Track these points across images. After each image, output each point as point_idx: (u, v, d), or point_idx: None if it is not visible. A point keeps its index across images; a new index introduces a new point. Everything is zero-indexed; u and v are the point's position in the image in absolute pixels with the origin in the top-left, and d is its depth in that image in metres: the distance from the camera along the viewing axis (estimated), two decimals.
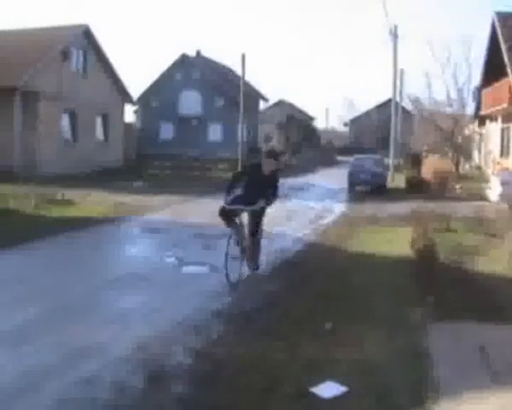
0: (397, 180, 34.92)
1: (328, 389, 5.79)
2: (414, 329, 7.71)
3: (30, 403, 5.51)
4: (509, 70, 30.35)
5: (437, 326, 7.80)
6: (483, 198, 25.28)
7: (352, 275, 10.82)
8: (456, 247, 13.11)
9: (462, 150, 42.12)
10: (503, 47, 31.62)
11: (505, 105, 31.06)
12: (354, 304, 8.90)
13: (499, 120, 35.75)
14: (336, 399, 5.65)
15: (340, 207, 23.79)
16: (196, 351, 6.85)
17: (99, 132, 38.37)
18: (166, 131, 60.65)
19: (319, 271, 11.21)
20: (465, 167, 43.49)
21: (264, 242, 11.31)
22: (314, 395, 5.70)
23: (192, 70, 61.22)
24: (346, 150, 74.53)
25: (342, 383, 5.91)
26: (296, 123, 73.48)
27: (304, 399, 5.64)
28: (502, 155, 34.79)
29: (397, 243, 13.78)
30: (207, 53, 65.99)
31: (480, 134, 43.49)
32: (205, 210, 19.46)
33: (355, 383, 5.96)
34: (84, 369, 6.34)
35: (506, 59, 30.93)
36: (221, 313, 8.39)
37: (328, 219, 19.58)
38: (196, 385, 5.93)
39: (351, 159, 34.11)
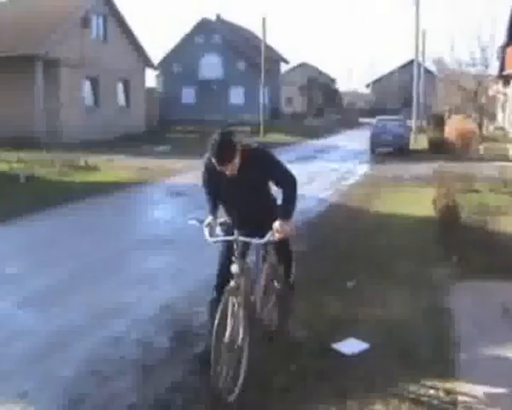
0: (419, 141, 34.67)
1: (350, 346, 5.87)
2: (437, 288, 7.76)
3: (59, 363, 5.67)
4: None
5: (459, 285, 7.84)
6: (507, 159, 25.08)
7: (375, 235, 10.87)
8: (480, 207, 13.06)
9: (485, 111, 41.59)
10: None
11: None
12: (377, 263, 8.95)
13: None
14: (358, 355, 5.73)
15: (362, 169, 23.73)
16: None
17: (121, 98, 38.40)
18: (188, 96, 60.47)
19: (342, 231, 11.27)
20: (489, 128, 42.99)
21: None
22: (336, 352, 5.79)
23: (212, 34, 60.81)
24: (369, 112, 74.04)
25: (364, 340, 5.99)
26: (318, 85, 73.16)
27: (326, 355, 5.72)
28: None
29: (420, 203, 13.77)
30: (228, 16, 65.61)
31: (505, 94, 42.91)
32: None
33: (377, 340, 6.04)
34: (112, 328, 6.51)
35: None
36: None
37: (351, 181, 19.53)
38: None
39: (373, 120, 33.88)
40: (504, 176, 17.81)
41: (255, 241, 5.23)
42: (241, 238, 5.18)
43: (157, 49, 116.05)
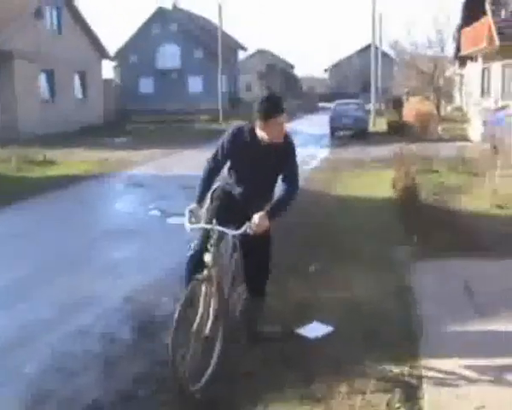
0: (379, 124, 34.95)
1: (313, 330, 5.88)
2: (399, 268, 7.82)
3: (22, 358, 5.58)
4: (488, 9, 30.12)
5: (421, 264, 7.91)
6: (465, 139, 25.39)
7: (337, 218, 10.91)
8: (439, 187, 13.23)
9: (442, 92, 41.99)
10: None
11: (485, 45, 30.88)
12: (341, 246, 8.99)
13: (479, 60, 35.58)
14: (323, 339, 5.74)
15: (323, 153, 23.88)
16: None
17: (77, 90, 37.97)
18: (146, 86, 60.02)
19: (305, 215, 11.26)
20: (446, 109, 43.44)
21: None
22: (301, 337, 5.79)
23: (169, 23, 60.33)
24: (328, 97, 74.27)
25: (329, 323, 6.00)
26: (277, 72, 73.12)
27: (292, 340, 5.72)
28: (482, 95, 34.74)
29: (380, 185, 13.86)
30: (184, 5, 65.17)
31: (461, 75, 43.39)
32: (188, 162, 19.46)
33: (342, 322, 6.06)
34: (77, 322, 6.43)
35: None
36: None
37: (312, 165, 19.62)
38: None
39: (332, 105, 34.06)
40: (463, 156, 18.01)
41: (231, 232, 5.20)
42: (218, 228, 5.13)
43: (115, 40, 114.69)
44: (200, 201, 5.42)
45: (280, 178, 5.45)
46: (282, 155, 5.37)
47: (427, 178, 14.18)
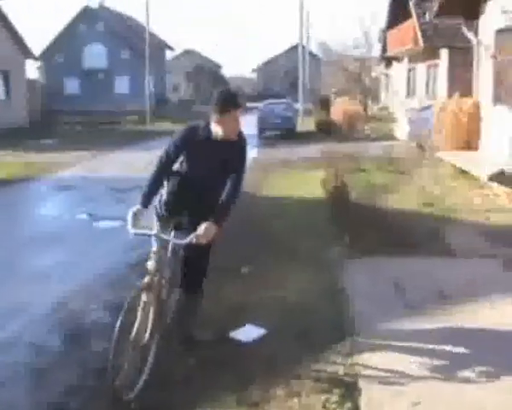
0: (307, 124, 35.20)
1: (247, 333, 5.83)
2: (330, 268, 7.85)
3: None
4: (413, 10, 30.70)
5: (353, 263, 7.98)
6: (392, 138, 25.82)
7: (269, 220, 10.88)
8: (368, 186, 13.38)
9: (369, 92, 42.67)
10: None
11: (410, 46, 31.47)
12: (273, 247, 8.97)
13: (405, 60, 36.26)
14: (258, 341, 5.70)
15: (251, 153, 23.80)
16: (116, 305, 6.76)
17: (0, 91, 36.99)
18: (72, 86, 59.06)
19: (236, 218, 11.20)
20: (373, 109, 44.12)
21: None
22: (233, 341, 5.74)
23: (95, 22, 59.48)
24: (256, 97, 74.46)
25: (263, 325, 5.96)
26: (204, 72, 72.96)
27: (226, 344, 5.66)
28: (408, 95, 35.41)
29: (310, 184, 13.94)
30: (110, 4, 64.32)
31: (387, 75, 44.13)
32: (116, 163, 19.28)
33: (276, 324, 6.04)
34: (4, 331, 6.22)
35: (410, 0, 31.23)
36: (137, 265, 8.29)
37: None
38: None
39: (260, 105, 34.12)
40: (390, 155, 18.31)
41: (175, 241, 5.19)
42: (161, 236, 5.06)
43: (40, 40, 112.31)
44: (146, 200, 5.21)
45: (228, 176, 5.27)
46: (234, 152, 5.29)
47: (356, 178, 14.32)
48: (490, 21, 16.04)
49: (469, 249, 8.65)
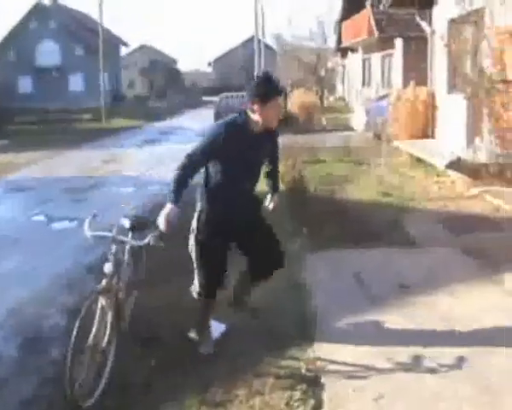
0: None
1: None
2: (291, 261, 7.76)
3: None
4: (367, 1, 30.85)
5: (313, 257, 7.93)
6: (349, 128, 25.91)
7: None
8: (326, 177, 13.37)
9: (326, 83, 42.79)
10: None
11: (365, 36, 31.62)
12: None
13: (360, 51, 36.45)
14: (218, 339, 5.60)
15: None
16: (73, 309, 6.61)
17: None
18: (25, 85, 58.18)
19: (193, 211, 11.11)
20: (330, 100, 44.31)
21: (132, 189, 10.89)
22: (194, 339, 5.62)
23: (48, 19, 58.62)
24: (212, 90, 74.10)
25: (225, 322, 5.86)
26: (159, 67, 72.53)
27: (185, 344, 5.54)
28: (364, 85, 35.60)
29: None
30: (63, 0, 63.36)
31: (343, 66, 44.33)
32: (72, 163, 19.02)
33: (237, 321, 5.94)
34: None
35: None
36: (96, 267, 8.14)
37: None
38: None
39: (217, 99, 33.99)
40: (347, 145, 18.36)
41: (132, 242, 5.15)
42: (119, 237, 4.98)
43: None
44: (178, 197, 4.89)
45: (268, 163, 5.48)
46: (272, 139, 5.29)
47: (314, 169, 14.32)
48: (443, 11, 16.14)
49: (429, 238, 8.70)
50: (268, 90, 4.90)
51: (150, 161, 18.90)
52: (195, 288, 5.40)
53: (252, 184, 5.29)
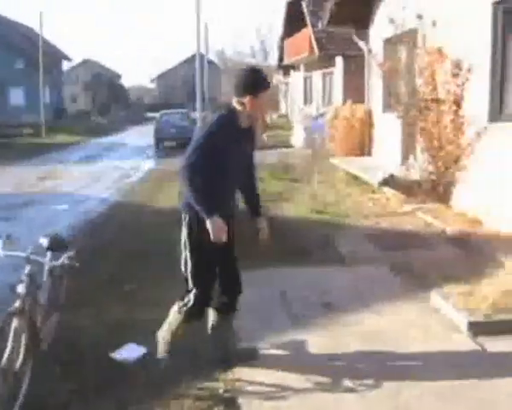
0: None
1: (128, 353, 5.63)
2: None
3: None
4: (307, 19, 31.10)
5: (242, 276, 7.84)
6: (289, 145, 26.05)
7: (158, 231, 10.65)
8: (262, 194, 13.29)
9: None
10: None
11: (306, 54, 31.87)
12: (159, 262, 8.72)
13: (302, 69, 36.72)
14: (139, 361, 5.51)
15: (148, 164, 23.81)
16: None
17: None
18: None
19: (125, 230, 11.00)
20: (273, 117, 44.48)
21: (66, 206, 10.70)
22: (114, 361, 5.53)
23: None
24: (156, 107, 73.86)
25: (144, 344, 5.75)
26: (103, 82, 71.92)
27: (107, 365, 5.44)
28: (305, 102, 35.86)
29: None
30: (3, 12, 62.45)
31: (286, 84, 44.60)
32: (7, 179, 18.64)
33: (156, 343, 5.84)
34: None
35: (305, 9, 31.61)
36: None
37: (136, 177, 19.36)
38: None
39: (157, 115, 34.03)
40: (285, 162, 18.42)
41: (48, 262, 5.07)
42: (34, 257, 4.83)
43: None
44: (214, 211, 4.74)
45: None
46: (254, 135, 5.19)
47: None
48: (379, 31, 16.36)
49: (359, 256, 8.74)
50: (259, 81, 4.82)
51: (88, 178, 18.73)
52: (189, 302, 5.19)
53: (239, 181, 5.19)
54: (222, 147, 4.76)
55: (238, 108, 4.84)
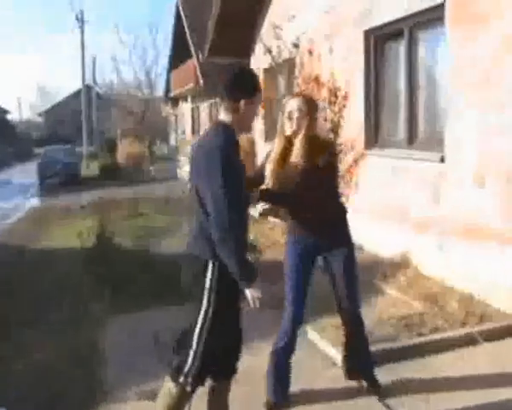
0: (92, 168, 34.62)
1: None
2: (91, 327, 7.38)
3: None
4: (192, 50, 31.11)
5: (114, 320, 7.57)
6: (175, 177, 25.86)
7: (37, 274, 10.24)
8: (144, 231, 13.04)
9: (156, 132, 42.66)
10: (187, 29, 32.23)
11: (192, 85, 31.87)
12: (36, 305, 8.40)
13: (189, 99, 36.70)
14: None
15: (30, 203, 22.98)
16: None
17: None
18: None
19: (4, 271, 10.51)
20: (162, 149, 44.22)
21: None
22: None
23: None
24: (44, 141, 72.14)
25: (14, 392, 5.39)
26: None
27: None
28: (193, 133, 35.80)
29: (84, 234, 13.32)
30: None
31: (176, 115, 44.43)
32: None
33: (29, 390, 5.56)
34: None
35: (190, 41, 31.62)
36: None
37: (16, 217, 18.65)
38: None
39: (42, 151, 33.28)
40: (171, 196, 18.18)
41: None
42: None
43: None
44: (254, 275, 3.89)
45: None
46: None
47: (133, 223, 13.95)
48: (258, 61, 16.39)
49: None
50: (254, 81, 4.10)
51: None
52: (187, 372, 4.19)
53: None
54: (238, 165, 3.98)
55: (227, 120, 4.05)
